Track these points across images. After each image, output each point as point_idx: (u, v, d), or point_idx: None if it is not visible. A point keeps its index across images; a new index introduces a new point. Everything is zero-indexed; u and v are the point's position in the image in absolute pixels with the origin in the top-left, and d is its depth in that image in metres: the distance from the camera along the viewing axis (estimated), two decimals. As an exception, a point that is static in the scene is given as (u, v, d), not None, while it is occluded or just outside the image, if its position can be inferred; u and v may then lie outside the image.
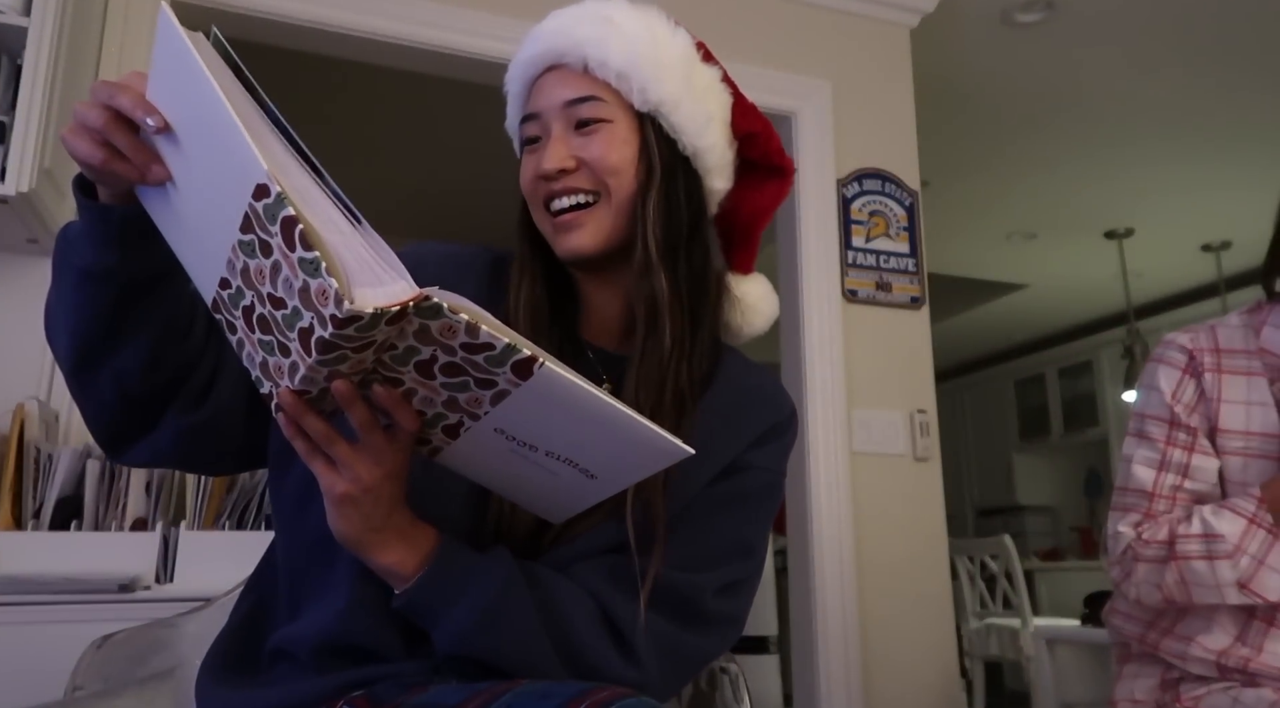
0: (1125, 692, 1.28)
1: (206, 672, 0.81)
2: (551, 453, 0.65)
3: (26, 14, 1.70)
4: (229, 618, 0.86)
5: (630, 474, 0.68)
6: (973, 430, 7.44)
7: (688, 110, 0.86)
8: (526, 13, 2.39)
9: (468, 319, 0.56)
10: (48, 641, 1.32)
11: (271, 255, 0.57)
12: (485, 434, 0.65)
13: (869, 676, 2.39)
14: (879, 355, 2.60)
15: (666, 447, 0.63)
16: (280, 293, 0.57)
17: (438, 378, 0.61)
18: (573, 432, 0.63)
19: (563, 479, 0.68)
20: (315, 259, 0.53)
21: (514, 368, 0.58)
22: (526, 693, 0.64)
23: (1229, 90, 3.48)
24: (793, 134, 2.65)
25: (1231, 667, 1.17)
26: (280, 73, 3.35)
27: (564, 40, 0.85)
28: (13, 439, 1.65)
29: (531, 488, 0.71)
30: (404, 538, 0.71)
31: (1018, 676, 4.83)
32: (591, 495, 0.70)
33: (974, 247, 5.12)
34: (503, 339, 0.57)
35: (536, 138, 0.87)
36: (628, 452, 0.65)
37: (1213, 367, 1.24)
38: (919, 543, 2.53)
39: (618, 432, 0.62)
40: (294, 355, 0.59)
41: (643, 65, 0.84)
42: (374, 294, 0.54)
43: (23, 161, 1.63)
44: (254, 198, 0.56)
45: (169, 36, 0.61)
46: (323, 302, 0.54)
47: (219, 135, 0.58)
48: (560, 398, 0.60)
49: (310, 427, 0.63)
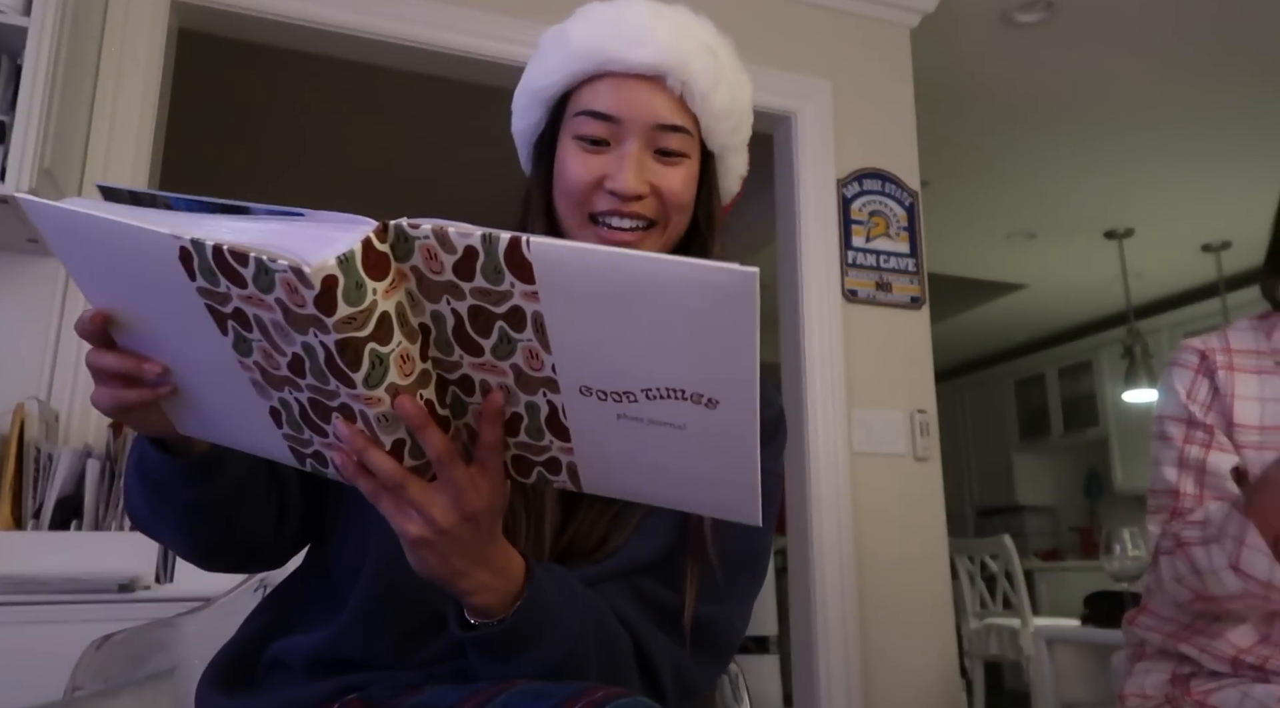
0: (1135, 687, 1.29)
1: (206, 680, 0.81)
2: (650, 391, 0.53)
3: (26, 14, 1.70)
4: (240, 629, 0.85)
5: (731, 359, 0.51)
6: (973, 430, 7.43)
7: (742, 157, 0.87)
8: (527, 13, 2.38)
9: (430, 226, 0.51)
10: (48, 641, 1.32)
11: (248, 317, 0.53)
12: (580, 407, 0.56)
13: (869, 676, 2.39)
14: (879, 355, 2.60)
15: (722, 279, 0.48)
16: (287, 347, 0.53)
17: (483, 344, 0.54)
18: (635, 335, 0.51)
19: (692, 430, 0.55)
20: (257, 260, 0.49)
21: (511, 268, 0.51)
22: (522, 693, 0.64)
23: (1229, 90, 3.48)
24: (793, 134, 2.65)
25: (1249, 663, 1.18)
26: (281, 73, 3.35)
27: (673, 59, 0.80)
28: (13, 439, 1.65)
29: (684, 470, 0.58)
30: (495, 578, 0.64)
31: (1018, 676, 4.83)
32: (735, 437, 0.55)
33: (974, 247, 5.12)
34: (475, 232, 0.51)
35: (603, 141, 0.81)
36: (694, 321, 0.50)
37: (1225, 364, 1.26)
38: (919, 543, 2.53)
39: (667, 296, 0.49)
40: (350, 402, 0.54)
41: (736, 110, 0.84)
42: (327, 254, 0.49)
43: (23, 162, 1.63)
44: (186, 270, 0.52)
45: (42, 216, 0.57)
46: (299, 300, 0.50)
47: (128, 251, 0.54)
48: (580, 282, 0.50)
49: (375, 463, 0.57)
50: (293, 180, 4.34)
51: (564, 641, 0.67)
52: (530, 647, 0.66)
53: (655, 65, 0.80)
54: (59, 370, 1.86)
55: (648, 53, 0.79)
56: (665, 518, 0.79)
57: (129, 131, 2.02)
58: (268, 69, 3.32)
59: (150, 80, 2.07)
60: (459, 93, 2.92)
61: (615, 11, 0.83)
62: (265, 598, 0.88)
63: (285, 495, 0.81)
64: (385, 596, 0.76)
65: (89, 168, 1.98)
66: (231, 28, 2.28)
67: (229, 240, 0.50)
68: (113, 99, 2.02)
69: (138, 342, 0.62)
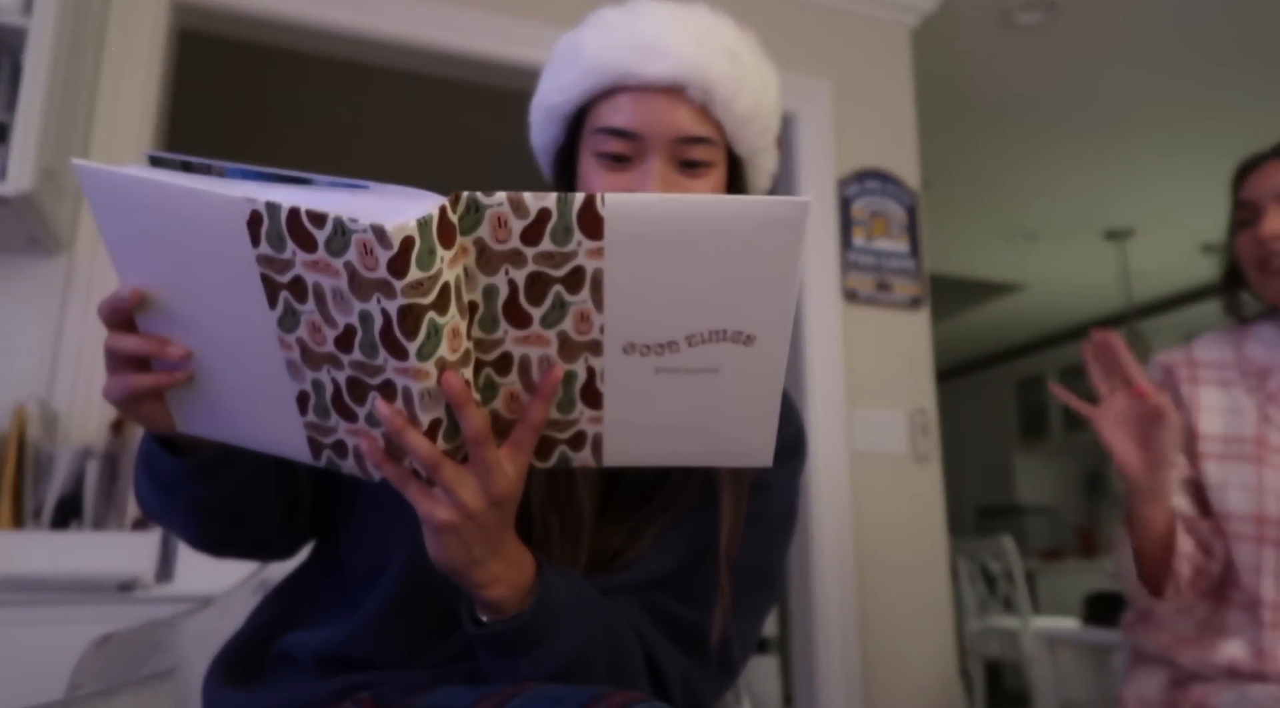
0: (1134, 690, 1.29)
1: (213, 674, 0.81)
2: (693, 337, 0.57)
3: (27, 14, 1.70)
4: (246, 622, 0.85)
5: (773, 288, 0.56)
6: (973, 430, 7.43)
7: (771, 156, 0.85)
8: (527, 13, 2.38)
9: (505, 195, 0.53)
10: (48, 641, 1.32)
11: (306, 286, 0.54)
12: (620, 367, 0.58)
13: (869, 676, 2.39)
14: (879, 355, 2.60)
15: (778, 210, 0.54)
16: (340, 318, 0.54)
17: (533, 313, 0.56)
18: (689, 280, 0.55)
19: (726, 372, 0.58)
20: (336, 221, 0.50)
21: (583, 226, 0.53)
22: (538, 696, 0.63)
23: (1229, 90, 3.48)
24: (793, 134, 2.65)
25: (1247, 672, 1.18)
26: (281, 73, 3.35)
27: (693, 71, 0.77)
28: (13, 439, 1.65)
29: (709, 418, 0.61)
30: (509, 570, 0.64)
31: (1018, 676, 4.83)
32: (766, 371, 0.59)
33: (974, 247, 5.12)
34: (550, 195, 0.53)
35: (624, 157, 0.78)
36: (747, 253, 0.55)
37: (1188, 378, 1.30)
38: (919, 543, 2.53)
39: (726, 232, 0.54)
40: (395, 376, 0.55)
41: (762, 113, 0.81)
42: (407, 216, 0.51)
43: (23, 161, 1.63)
44: (251, 235, 0.53)
45: (95, 181, 0.56)
46: (371, 263, 0.51)
47: (187, 218, 0.54)
48: (649, 230, 0.53)
49: (413, 443, 0.56)
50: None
51: (574, 641, 0.66)
52: (540, 646, 0.65)
53: (675, 78, 0.77)
54: (59, 370, 1.86)
55: (666, 65, 0.76)
56: (682, 534, 0.78)
57: (129, 131, 2.02)
58: (268, 69, 3.32)
59: (150, 80, 2.07)
60: (459, 93, 2.92)
61: (629, 20, 0.79)
62: (273, 591, 0.88)
63: (295, 487, 0.81)
64: (403, 600, 0.75)
65: (89, 168, 1.98)
66: (231, 28, 2.28)
67: (305, 204, 0.51)
68: (113, 99, 2.02)
69: (163, 324, 0.61)
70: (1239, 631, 1.20)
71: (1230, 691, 1.17)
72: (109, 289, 1.92)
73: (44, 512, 1.63)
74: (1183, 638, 1.27)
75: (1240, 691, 1.15)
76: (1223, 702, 1.16)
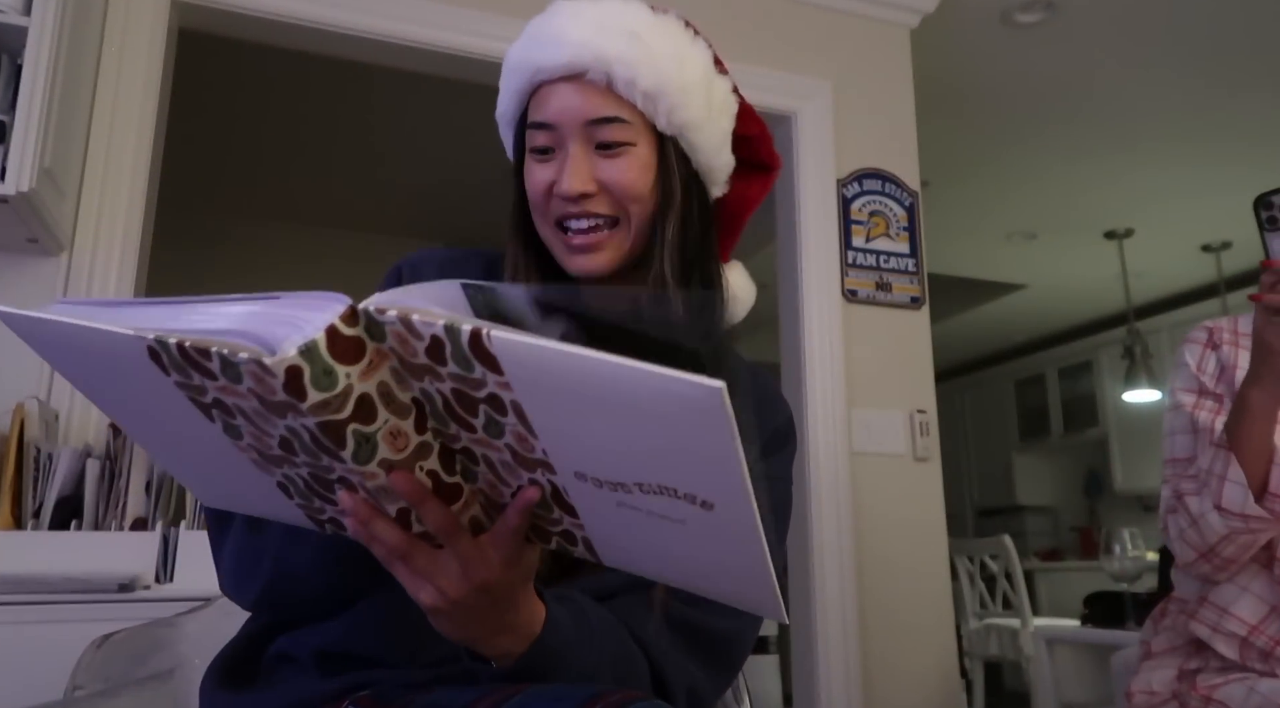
0: (1142, 683, 1.30)
1: (211, 676, 0.81)
2: (643, 486, 0.51)
3: (26, 14, 1.70)
4: (244, 626, 0.85)
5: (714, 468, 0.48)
6: (973, 430, 7.43)
7: (708, 131, 0.85)
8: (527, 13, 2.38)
9: (396, 313, 0.49)
10: (48, 641, 1.32)
11: (228, 405, 0.52)
12: (580, 490, 0.54)
13: (869, 676, 2.39)
14: (879, 355, 2.60)
15: (686, 391, 0.44)
16: (273, 430, 0.52)
17: (474, 422, 0.53)
18: (611, 437, 0.49)
19: (692, 527, 0.52)
20: (220, 355, 0.48)
21: (477, 356, 0.49)
22: (537, 695, 0.64)
23: (1229, 90, 3.48)
24: (793, 134, 2.65)
25: (1258, 647, 1.19)
26: (281, 73, 3.35)
27: (587, 54, 0.80)
28: (13, 439, 1.65)
29: (696, 562, 0.56)
30: (512, 638, 0.64)
31: (1018, 676, 4.83)
32: (738, 537, 0.51)
33: (974, 247, 5.12)
34: (438, 322, 0.48)
35: (548, 148, 0.82)
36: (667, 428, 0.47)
37: (1230, 341, 1.32)
38: (919, 543, 2.53)
39: (632, 401, 0.46)
40: (348, 475, 0.54)
41: (670, 88, 0.81)
42: (297, 336, 0.48)
43: (23, 161, 1.63)
44: (159, 366, 0.52)
45: (18, 325, 0.56)
46: (269, 390, 0.49)
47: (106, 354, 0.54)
48: (545, 379, 0.48)
49: (380, 534, 0.56)
50: (293, 180, 4.33)
51: (575, 676, 0.67)
52: (541, 680, 0.66)
53: (571, 63, 0.80)
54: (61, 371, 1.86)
55: (564, 52, 0.80)
56: None
57: (129, 131, 2.02)
58: (268, 69, 3.32)
59: (150, 80, 2.07)
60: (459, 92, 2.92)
61: (541, 21, 0.85)
62: None
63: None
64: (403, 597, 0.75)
65: (89, 168, 1.98)
66: (231, 28, 2.28)
67: (192, 335, 0.49)
68: (113, 99, 2.02)
69: (140, 432, 0.62)
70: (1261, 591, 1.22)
71: (1239, 683, 1.17)
72: (109, 289, 1.92)
73: (44, 512, 1.63)
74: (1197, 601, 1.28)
75: (1249, 684, 1.16)
76: (1230, 695, 1.17)
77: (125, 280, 1.97)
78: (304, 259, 4.66)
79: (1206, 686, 1.20)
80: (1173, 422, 1.34)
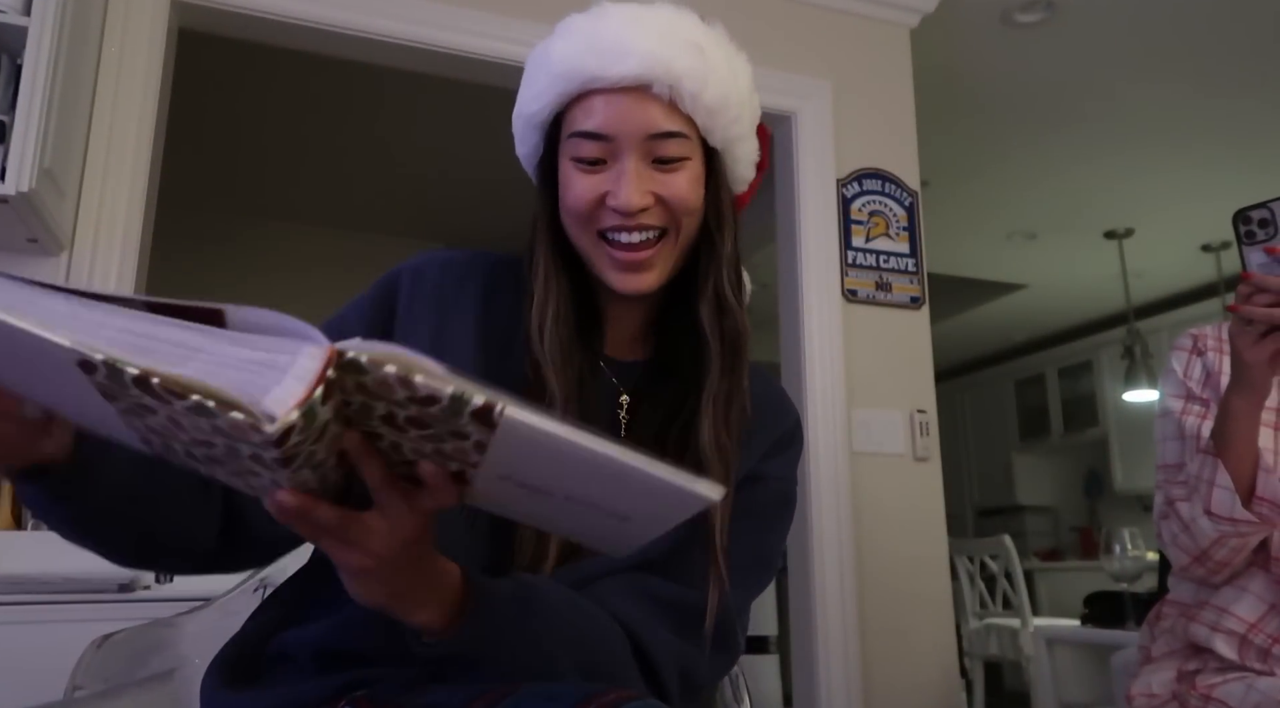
0: (1142, 686, 1.31)
1: (211, 675, 0.82)
2: (571, 498, 0.56)
3: (26, 14, 1.70)
4: (244, 625, 0.85)
5: (665, 519, 0.57)
6: (973, 430, 7.43)
7: (749, 143, 0.85)
8: (526, 13, 2.38)
9: (394, 371, 0.47)
10: (48, 641, 1.32)
11: (158, 412, 0.48)
12: (493, 481, 0.56)
13: (869, 676, 2.39)
14: (879, 355, 2.60)
15: (685, 492, 0.51)
16: (204, 436, 0.49)
17: (410, 431, 0.52)
18: (579, 477, 0.53)
19: (595, 519, 0.58)
20: (199, 403, 0.45)
21: (475, 418, 0.49)
22: (532, 694, 0.64)
23: (1229, 90, 3.48)
24: (793, 134, 2.65)
25: (1256, 644, 1.19)
26: (280, 73, 3.35)
27: (657, 66, 0.77)
28: (13, 439, 1.64)
29: (575, 526, 0.62)
30: (433, 595, 0.65)
31: (1018, 676, 4.83)
32: (635, 535, 0.59)
33: (974, 247, 5.12)
34: (445, 389, 0.48)
35: (599, 160, 0.80)
36: (646, 498, 0.54)
37: (1215, 348, 1.34)
38: (919, 543, 2.53)
39: (625, 477, 0.51)
40: (265, 474, 0.51)
41: (731, 103, 0.81)
42: (285, 391, 0.46)
43: (23, 161, 1.63)
44: (87, 373, 0.47)
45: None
46: (246, 434, 0.46)
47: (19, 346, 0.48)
48: (543, 445, 0.50)
49: (321, 520, 0.55)
50: (293, 180, 4.34)
51: (527, 651, 0.68)
52: (484, 659, 0.67)
53: (639, 76, 0.77)
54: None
55: (629, 64, 0.77)
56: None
57: (129, 131, 2.02)
58: (268, 69, 3.32)
59: (150, 80, 2.07)
60: (460, 92, 2.92)
61: (593, 24, 0.81)
62: (271, 594, 0.88)
63: (234, 503, 0.78)
64: None
65: (89, 168, 1.98)
66: (231, 28, 2.28)
67: (161, 369, 0.45)
68: (113, 99, 2.02)
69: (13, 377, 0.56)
70: (1259, 590, 1.23)
71: (1238, 682, 1.18)
72: (109, 289, 1.92)
73: (44, 512, 1.62)
74: (1195, 604, 1.29)
75: (1248, 682, 1.17)
76: (1229, 693, 1.17)
77: (125, 280, 1.97)
78: (305, 259, 4.66)
79: (1206, 685, 1.21)
80: (1163, 428, 1.36)
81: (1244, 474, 1.17)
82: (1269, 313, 1.06)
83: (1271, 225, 1.08)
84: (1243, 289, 1.09)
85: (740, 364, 0.83)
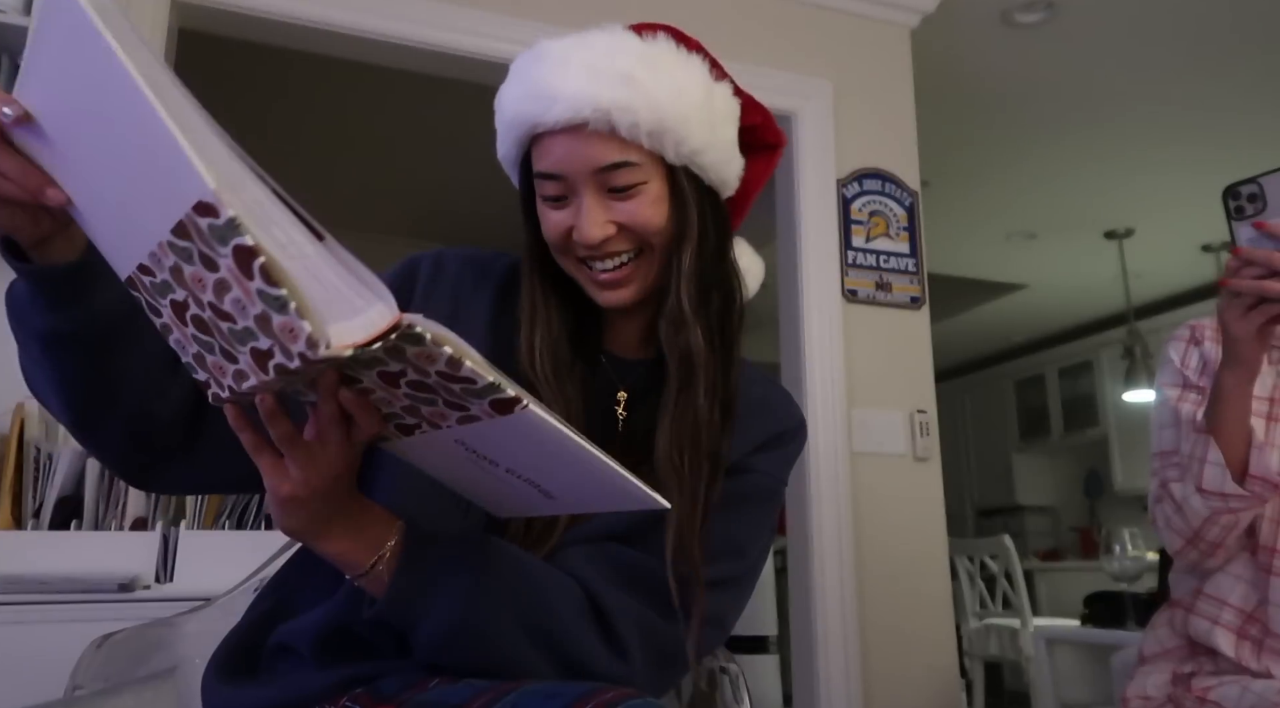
0: (1137, 689, 1.31)
1: (212, 669, 0.82)
2: (513, 471, 0.63)
3: (26, 14, 1.70)
4: (243, 616, 0.86)
5: (594, 504, 0.67)
6: (973, 430, 7.43)
7: (715, 149, 0.85)
8: (526, 13, 2.38)
9: (451, 353, 0.52)
10: (48, 640, 1.32)
11: (218, 271, 0.49)
12: (442, 441, 0.62)
13: (868, 676, 2.39)
14: (879, 355, 2.60)
15: (641, 497, 0.61)
16: (228, 309, 0.50)
17: (402, 388, 0.56)
18: (543, 462, 0.61)
19: (516, 489, 0.65)
20: (282, 297, 0.47)
21: (493, 404, 0.55)
22: (532, 693, 0.65)
23: (1230, 90, 3.48)
24: (793, 134, 2.65)
25: (1252, 636, 1.20)
26: (280, 72, 3.35)
27: (585, 107, 0.78)
28: (13, 439, 1.65)
29: (478, 488, 0.69)
30: (352, 526, 0.69)
31: (1018, 676, 4.83)
32: (544, 509, 0.68)
33: (974, 247, 5.12)
34: (486, 377, 0.53)
35: (561, 196, 0.83)
36: (597, 489, 0.63)
37: (1213, 338, 1.35)
38: (919, 543, 2.53)
39: (593, 473, 0.60)
40: (242, 365, 0.52)
41: (672, 123, 0.80)
42: (350, 328, 0.49)
43: (23, 161, 1.62)
44: (196, 213, 0.47)
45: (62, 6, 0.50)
46: (290, 338, 0.48)
47: (143, 136, 0.47)
48: (538, 437, 0.57)
49: (276, 428, 0.61)
50: (293, 180, 4.33)
51: (454, 597, 0.70)
52: (423, 611, 0.70)
53: (571, 119, 0.79)
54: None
55: (561, 109, 0.79)
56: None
57: (129, 131, 2.02)
58: (268, 69, 3.32)
59: (150, 80, 2.07)
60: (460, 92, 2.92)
61: (530, 67, 0.82)
62: (267, 584, 0.89)
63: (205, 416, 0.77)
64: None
65: (89, 168, 1.98)
66: (231, 28, 2.28)
67: (272, 252, 0.47)
68: (113, 99, 2.02)
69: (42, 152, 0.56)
70: (1245, 576, 1.24)
71: (1233, 684, 1.18)
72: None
73: (44, 512, 1.63)
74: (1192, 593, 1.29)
75: (1243, 684, 1.17)
76: (1224, 695, 1.18)
77: (125, 280, 1.97)
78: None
79: (1201, 687, 1.21)
80: (1159, 416, 1.37)
81: (1236, 451, 1.17)
82: (1257, 285, 1.06)
83: (1260, 200, 1.08)
84: (1231, 263, 1.10)
85: (694, 380, 0.83)
